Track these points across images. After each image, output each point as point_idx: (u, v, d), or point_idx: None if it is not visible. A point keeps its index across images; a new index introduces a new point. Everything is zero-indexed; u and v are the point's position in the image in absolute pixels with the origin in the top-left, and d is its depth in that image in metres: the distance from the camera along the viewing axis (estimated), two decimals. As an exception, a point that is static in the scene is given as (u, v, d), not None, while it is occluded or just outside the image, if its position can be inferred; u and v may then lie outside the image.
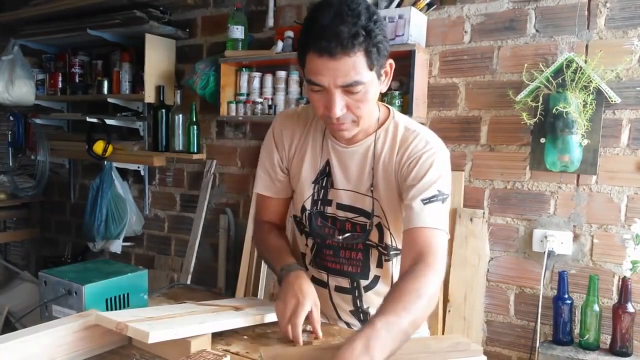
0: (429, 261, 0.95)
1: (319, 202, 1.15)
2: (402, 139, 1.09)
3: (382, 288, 1.14)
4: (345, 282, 1.17)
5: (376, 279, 1.15)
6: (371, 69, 0.96)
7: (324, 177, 1.14)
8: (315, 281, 1.18)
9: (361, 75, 0.94)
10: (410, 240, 1.00)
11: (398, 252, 1.13)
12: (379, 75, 1.00)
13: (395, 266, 1.15)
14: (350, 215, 1.13)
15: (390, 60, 1.03)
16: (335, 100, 0.96)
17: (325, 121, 1.04)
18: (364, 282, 1.15)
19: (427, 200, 1.01)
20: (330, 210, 1.14)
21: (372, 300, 1.16)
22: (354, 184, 1.12)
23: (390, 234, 1.12)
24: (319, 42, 0.91)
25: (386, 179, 1.09)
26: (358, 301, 1.16)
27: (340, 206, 1.14)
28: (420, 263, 0.95)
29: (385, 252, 1.13)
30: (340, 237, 1.13)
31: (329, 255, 1.17)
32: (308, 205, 1.16)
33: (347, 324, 1.19)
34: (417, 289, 0.90)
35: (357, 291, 1.16)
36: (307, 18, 0.96)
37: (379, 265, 1.14)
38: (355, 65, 0.93)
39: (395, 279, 1.14)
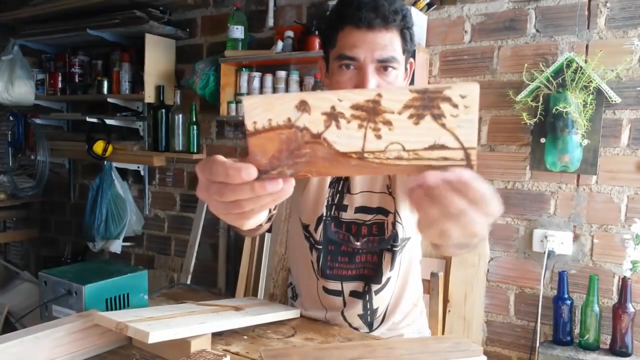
0: None
1: (334, 206, 1.12)
2: None
3: (392, 288, 1.13)
4: (360, 287, 1.14)
5: (388, 279, 1.13)
6: (403, 53, 0.97)
7: (342, 180, 1.12)
8: (328, 291, 1.14)
9: (397, 53, 0.95)
10: None
11: (407, 240, 1.11)
12: (405, 67, 1.00)
13: (403, 262, 1.13)
14: (367, 217, 1.10)
15: (412, 59, 1.03)
16: (369, 75, 0.95)
17: None
18: (376, 285, 1.12)
19: None
20: (345, 215, 1.12)
21: (382, 299, 1.13)
22: (369, 183, 1.11)
23: (402, 227, 1.10)
24: (357, 13, 0.92)
25: None
26: (368, 304, 1.15)
27: (359, 209, 1.11)
28: None
29: (397, 244, 1.10)
30: (359, 243, 1.11)
31: (344, 262, 1.13)
32: (324, 212, 1.12)
33: (350, 324, 1.17)
34: None
35: (368, 295, 1.13)
36: None
37: (392, 264, 1.12)
38: (392, 41, 0.94)
39: (406, 278, 1.14)
